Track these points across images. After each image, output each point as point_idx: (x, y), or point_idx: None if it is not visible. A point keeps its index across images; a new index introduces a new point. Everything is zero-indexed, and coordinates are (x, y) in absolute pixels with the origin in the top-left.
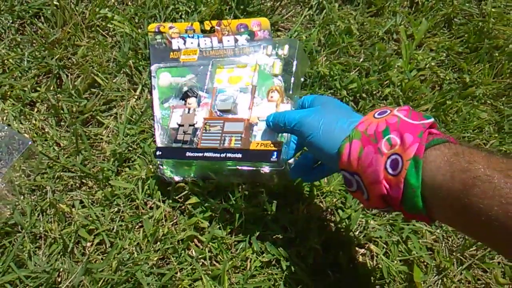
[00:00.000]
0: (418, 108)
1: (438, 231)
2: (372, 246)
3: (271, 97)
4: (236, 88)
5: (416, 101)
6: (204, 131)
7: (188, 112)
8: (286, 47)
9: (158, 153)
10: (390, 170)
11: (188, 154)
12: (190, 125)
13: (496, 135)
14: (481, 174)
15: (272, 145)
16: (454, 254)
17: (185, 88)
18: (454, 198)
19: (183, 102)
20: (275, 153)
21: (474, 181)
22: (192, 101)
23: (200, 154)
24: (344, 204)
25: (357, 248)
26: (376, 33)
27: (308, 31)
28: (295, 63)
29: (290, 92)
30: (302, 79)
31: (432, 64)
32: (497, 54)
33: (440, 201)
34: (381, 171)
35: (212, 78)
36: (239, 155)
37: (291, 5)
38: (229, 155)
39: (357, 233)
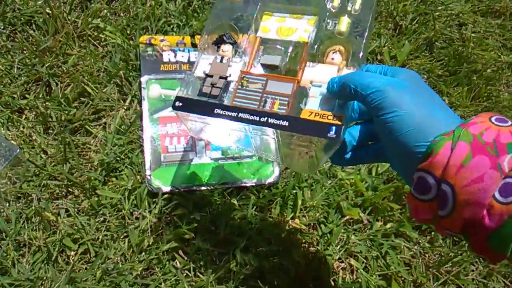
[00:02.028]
0: None
1: (415, 247)
2: (352, 261)
3: (332, 58)
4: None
5: None
6: (240, 86)
7: (221, 61)
8: (359, 1)
9: (177, 103)
10: (498, 196)
11: (217, 111)
12: (221, 77)
13: None
14: None
15: (331, 117)
16: (430, 270)
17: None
18: None
19: (216, 48)
20: (333, 127)
21: None
22: (227, 48)
23: (233, 114)
24: (327, 219)
25: (338, 262)
26: None
27: None
28: (370, 21)
29: (360, 57)
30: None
31: None
32: (475, 78)
33: None
34: (491, 192)
35: (256, 25)
36: (285, 123)
37: None
38: (271, 120)
39: (338, 247)
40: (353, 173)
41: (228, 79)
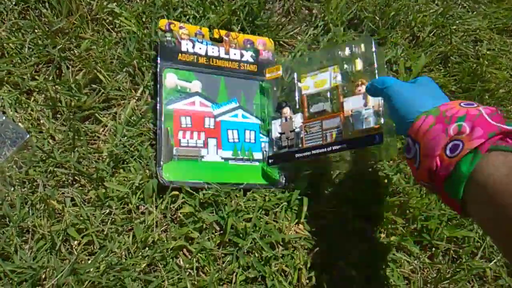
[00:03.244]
0: None
1: (415, 262)
2: (353, 272)
3: (359, 90)
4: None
5: None
6: (305, 133)
7: (286, 121)
8: (362, 45)
9: (270, 161)
10: (448, 152)
11: (297, 155)
12: (291, 131)
13: None
14: None
15: (372, 129)
16: (428, 285)
17: (279, 100)
18: (499, 204)
19: (279, 113)
20: (376, 136)
21: None
22: (286, 110)
23: (308, 153)
24: (331, 227)
25: (339, 272)
26: None
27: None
28: (375, 56)
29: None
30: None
31: None
32: (487, 97)
33: (486, 200)
34: (439, 147)
35: (299, 87)
36: (345, 145)
37: (297, 23)
38: (334, 147)
39: (340, 256)
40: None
41: (296, 130)
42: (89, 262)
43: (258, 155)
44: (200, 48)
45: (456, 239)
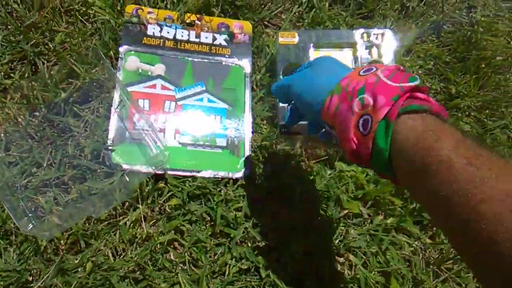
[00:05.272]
0: None
1: (416, 243)
2: (351, 256)
3: None
4: None
5: None
6: None
7: None
8: (382, 35)
9: (283, 130)
10: (361, 129)
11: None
12: None
13: None
14: (443, 156)
15: None
16: (431, 267)
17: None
18: (414, 172)
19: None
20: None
21: (434, 160)
22: None
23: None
24: (325, 211)
25: (336, 257)
26: None
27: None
28: (392, 51)
29: None
30: None
31: (420, 72)
32: (483, 66)
33: (405, 169)
34: (351, 128)
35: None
36: None
37: (280, 1)
38: None
39: (336, 242)
40: (353, 164)
41: None
42: (76, 261)
43: (221, 141)
44: (168, 32)
45: None
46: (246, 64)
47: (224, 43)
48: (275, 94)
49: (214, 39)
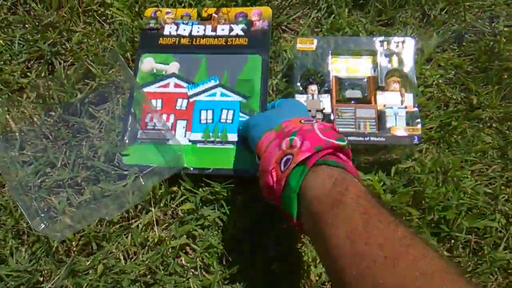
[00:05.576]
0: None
1: None
2: None
3: (394, 87)
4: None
5: (421, 118)
6: (337, 116)
7: (312, 98)
8: (402, 43)
9: None
10: (282, 167)
11: None
12: (317, 110)
13: (499, 160)
14: (347, 201)
15: (413, 129)
16: None
17: (306, 74)
18: (318, 213)
19: (303, 88)
20: (415, 137)
21: (338, 204)
22: (314, 88)
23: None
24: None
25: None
26: None
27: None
28: (413, 59)
29: (415, 82)
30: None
31: (440, 81)
32: (506, 77)
33: (309, 215)
34: (273, 163)
35: (331, 68)
36: (383, 139)
37: (299, 6)
38: (373, 138)
39: None
40: (370, 173)
41: (323, 111)
42: (87, 263)
43: (233, 137)
44: (184, 30)
45: (477, 230)
46: (264, 51)
47: (241, 32)
48: (238, 131)
49: (231, 30)
